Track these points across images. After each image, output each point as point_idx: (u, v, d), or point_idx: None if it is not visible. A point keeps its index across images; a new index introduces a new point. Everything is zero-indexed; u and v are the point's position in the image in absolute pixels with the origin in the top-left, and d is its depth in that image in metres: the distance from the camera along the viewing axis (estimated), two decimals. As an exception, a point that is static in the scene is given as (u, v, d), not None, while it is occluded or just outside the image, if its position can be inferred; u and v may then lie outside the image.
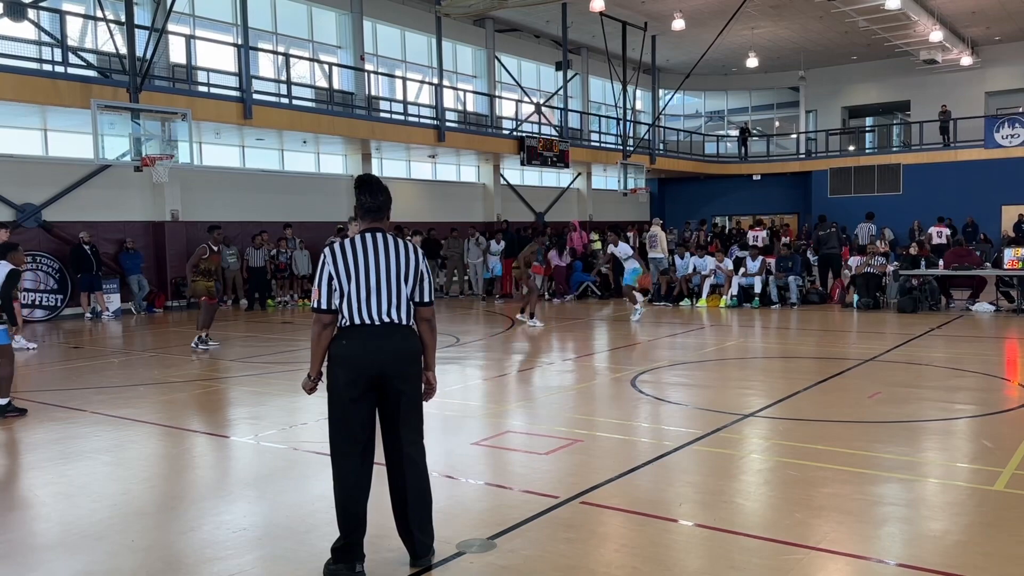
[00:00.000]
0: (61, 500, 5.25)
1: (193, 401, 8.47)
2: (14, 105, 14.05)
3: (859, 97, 34.15)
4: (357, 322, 3.82)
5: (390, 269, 3.87)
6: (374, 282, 3.84)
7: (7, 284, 7.55)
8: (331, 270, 3.86)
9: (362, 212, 3.98)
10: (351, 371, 3.81)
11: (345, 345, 3.83)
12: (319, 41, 22.17)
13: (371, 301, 3.83)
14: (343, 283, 3.83)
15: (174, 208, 18.48)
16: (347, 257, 3.85)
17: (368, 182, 4.01)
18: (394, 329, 3.86)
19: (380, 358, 3.82)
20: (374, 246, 3.89)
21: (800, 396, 7.85)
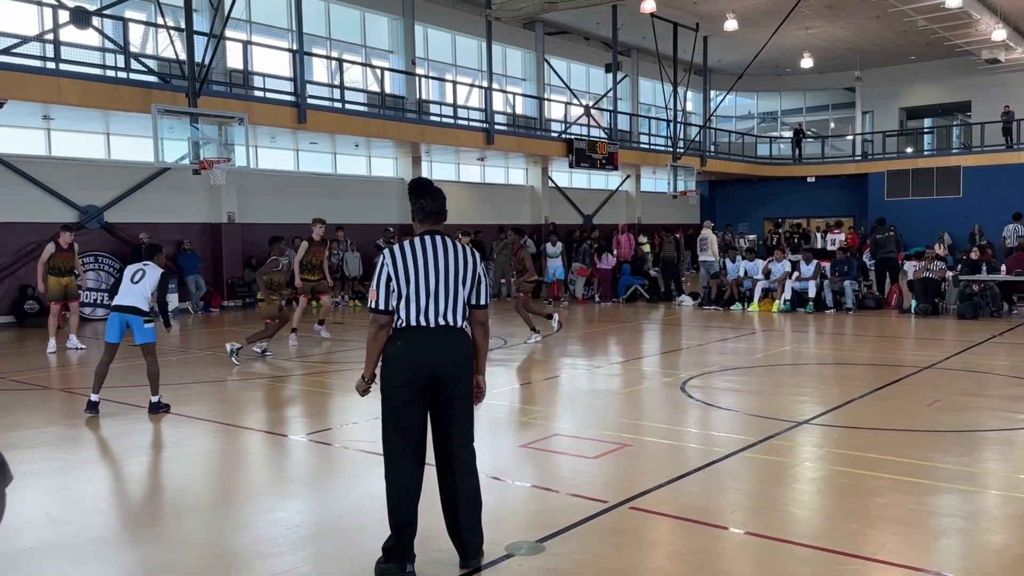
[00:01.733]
0: (119, 494, 5.40)
1: (247, 399, 8.64)
2: (79, 110, 14.51)
3: (917, 98, 33.33)
4: (413, 324, 3.83)
5: (448, 272, 3.87)
6: (432, 285, 3.84)
7: (162, 285, 7.77)
8: (390, 271, 3.86)
9: (421, 215, 3.98)
10: (405, 373, 3.83)
11: (400, 347, 3.85)
12: (371, 46, 22.45)
13: (428, 304, 3.83)
14: (401, 285, 3.84)
15: (230, 210, 18.87)
16: (406, 259, 3.86)
17: (424, 185, 4.02)
18: (449, 332, 3.87)
19: (434, 361, 3.83)
20: (433, 249, 3.89)
21: (855, 404, 7.69)
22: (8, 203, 15.64)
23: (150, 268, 7.76)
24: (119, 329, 7.62)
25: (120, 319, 7.60)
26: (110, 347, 7.69)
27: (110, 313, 7.74)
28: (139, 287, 7.63)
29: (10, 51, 13.50)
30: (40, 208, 16.12)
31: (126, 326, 7.62)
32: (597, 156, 23.70)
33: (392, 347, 3.88)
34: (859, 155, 32.95)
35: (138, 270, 7.73)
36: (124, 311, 7.58)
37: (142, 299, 7.62)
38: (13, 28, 14.46)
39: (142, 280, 7.67)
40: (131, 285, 7.64)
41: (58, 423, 7.32)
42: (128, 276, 7.73)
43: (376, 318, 3.91)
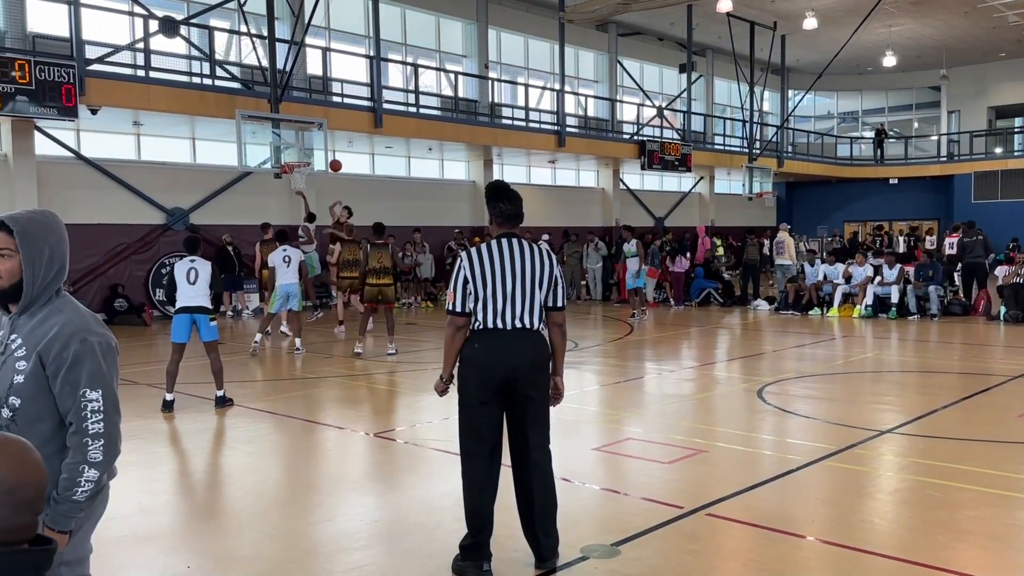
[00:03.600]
0: (207, 487, 5.61)
1: (326, 397, 8.84)
2: (167, 116, 15.10)
3: (1007, 96, 31.93)
4: (491, 326, 3.86)
5: (525, 274, 3.89)
6: (510, 287, 3.87)
7: (215, 277, 7.98)
8: (467, 274, 3.90)
9: (499, 218, 4.01)
10: (482, 374, 3.87)
11: (478, 349, 3.89)
12: (445, 51, 22.71)
13: (506, 306, 3.86)
14: (478, 287, 3.87)
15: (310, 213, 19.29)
16: (483, 262, 3.89)
17: (503, 189, 4.05)
18: (526, 334, 3.89)
19: (511, 363, 3.86)
20: (510, 251, 3.92)
21: (941, 413, 7.44)
22: (100, 205, 16.35)
23: (199, 263, 7.95)
24: (187, 329, 7.88)
25: (188, 319, 7.86)
26: (178, 347, 7.93)
27: (176, 314, 7.95)
28: (197, 286, 7.85)
29: (103, 60, 14.14)
30: (129, 210, 16.82)
31: (192, 325, 7.87)
32: (670, 158, 23.46)
33: (469, 349, 3.91)
34: (944, 156, 31.78)
35: (189, 269, 7.90)
36: (192, 311, 7.84)
37: (204, 297, 7.85)
38: (106, 38, 15.14)
39: (197, 279, 7.87)
40: (188, 286, 7.84)
41: (144, 417, 7.63)
42: (182, 277, 7.87)
43: (453, 320, 3.94)
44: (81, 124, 15.04)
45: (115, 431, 2.34)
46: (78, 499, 2.27)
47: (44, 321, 2.34)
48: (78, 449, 2.28)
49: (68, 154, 15.99)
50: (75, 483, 2.26)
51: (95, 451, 2.29)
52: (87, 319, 2.38)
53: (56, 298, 2.40)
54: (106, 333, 2.39)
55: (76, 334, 2.31)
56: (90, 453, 2.28)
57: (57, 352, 2.29)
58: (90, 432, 2.29)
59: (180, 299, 7.85)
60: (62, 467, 2.28)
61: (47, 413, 2.32)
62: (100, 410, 2.30)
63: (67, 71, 12.75)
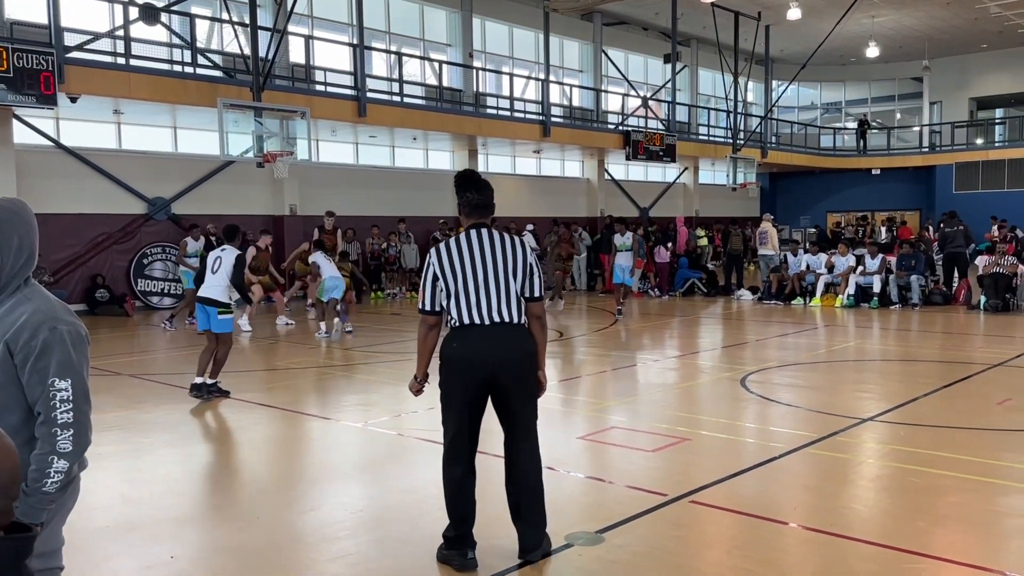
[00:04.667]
0: (191, 477, 5.58)
1: (310, 387, 8.82)
2: (148, 104, 14.95)
3: (989, 87, 32.19)
4: (467, 322, 3.72)
5: (497, 265, 3.75)
6: (482, 279, 3.72)
7: (237, 267, 7.91)
8: (436, 270, 3.76)
9: (467, 209, 3.85)
10: (463, 373, 3.74)
11: (456, 348, 3.75)
12: (430, 39, 22.60)
13: (480, 300, 3.72)
14: (449, 283, 3.73)
15: (292, 203, 19.23)
16: (452, 256, 3.74)
17: (470, 178, 3.90)
18: (505, 329, 3.76)
19: (493, 360, 3.73)
20: (479, 242, 3.77)
21: (922, 401, 7.51)
22: (80, 195, 16.19)
23: (226, 253, 7.95)
24: (205, 318, 7.90)
25: (201, 309, 7.87)
26: (206, 335, 7.97)
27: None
28: (217, 276, 7.86)
29: (83, 47, 13.96)
30: (110, 200, 16.66)
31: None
32: (654, 148, 23.49)
33: (448, 348, 3.78)
34: (926, 147, 32.01)
35: (216, 258, 7.96)
36: (203, 302, 7.86)
37: (218, 289, 7.83)
38: (85, 25, 14.95)
39: (220, 268, 7.87)
40: (211, 275, 7.88)
41: (127, 407, 7.58)
42: (209, 265, 7.96)
43: (424, 319, 3.83)
44: (60, 112, 14.86)
45: (85, 421, 2.30)
46: (48, 491, 2.24)
47: (12, 310, 2.30)
48: (47, 440, 2.24)
49: (47, 143, 15.81)
50: (45, 474, 2.23)
51: (64, 441, 2.25)
52: (56, 307, 2.34)
53: (24, 287, 2.35)
54: (75, 321, 2.36)
55: (45, 322, 2.27)
56: (59, 444, 2.24)
57: (25, 341, 2.25)
58: (59, 422, 2.24)
59: (200, 288, 7.93)
60: (31, 458, 2.24)
61: (15, 403, 2.28)
62: (69, 399, 2.26)
63: (46, 58, 12.58)
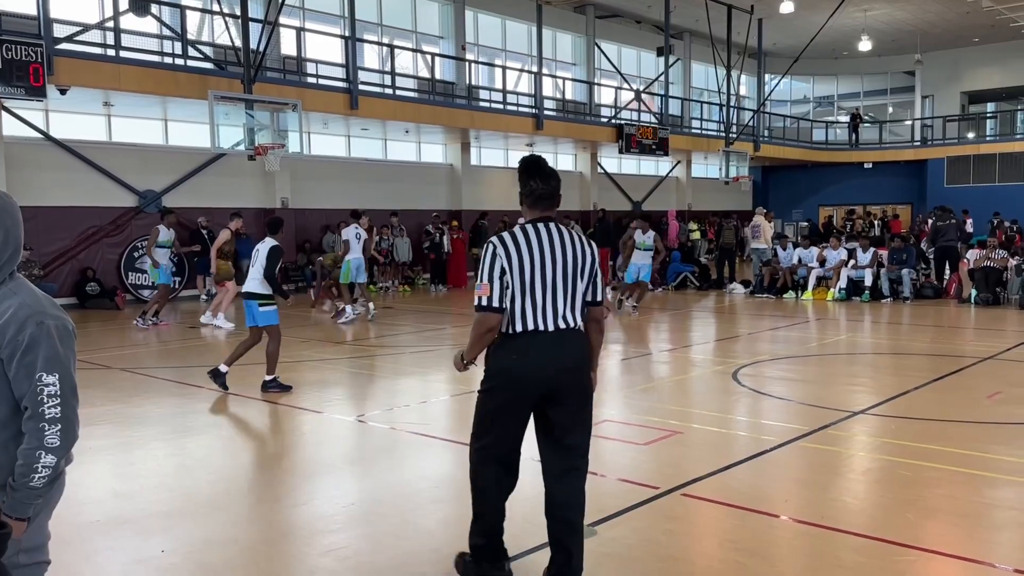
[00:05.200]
0: (182, 471, 5.56)
1: (301, 381, 8.78)
2: (138, 96, 14.84)
3: (980, 82, 32.27)
4: (530, 328, 3.31)
5: (567, 265, 3.36)
6: (549, 280, 3.32)
7: (270, 259, 7.79)
8: (504, 263, 3.31)
9: (530, 199, 3.45)
10: (519, 388, 3.34)
11: (516, 359, 3.33)
12: (422, 32, 22.52)
13: (547, 303, 3.32)
14: (515, 280, 3.30)
15: (284, 196, 19.16)
16: (520, 250, 3.32)
17: (536, 165, 3.48)
18: (569, 336, 3.37)
19: (553, 371, 3.33)
20: (548, 238, 3.36)
21: (913, 394, 7.54)
22: (70, 187, 16.09)
23: (263, 245, 7.94)
24: (248, 312, 7.93)
25: (246, 304, 7.92)
26: (250, 330, 7.99)
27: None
28: (254, 269, 7.85)
29: (72, 39, 13.86)
30: (101, 192, 16.57)
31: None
32: (647, 141, 23.48)
33: (504, 357, 3.35)
34: (918, 141, 32.09)
35: (256, 250, 7.96)
36: (245, 296, 7.91)
37: (257, 282, 7.82)
38: (75, 16, 14.84)
39: (257, 260, 7.86)
40: (252, 268, 7.89)
41: (117, 402, 7.55)
42: (252, 259, 7.97)
43: (486, 318, 3.32)
44: (50, 104, 14.73)
45: (73, 416, 2.28)
46: (35, 486, 2.23)
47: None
48: (34, 434, 2.23)
49: (37, 135, 15.70)
50: (32, 469, 2.22)
51: (52, 436, 2.23)
52: (42, 302, 2.32)
53: (10, 280, 2.33)
54: (62, 316, 2.34)
55: (32, 317, 2.25)
56: (47, 438, 2.23)
57: (12, 335, 2.23)
58: (47, 417, 2.23)
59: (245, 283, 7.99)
60: (18, 453, 2.23)
61: (2, 398, 2.26)
62: (57, 394, 2.25)
63: (35, 50, 12.47)
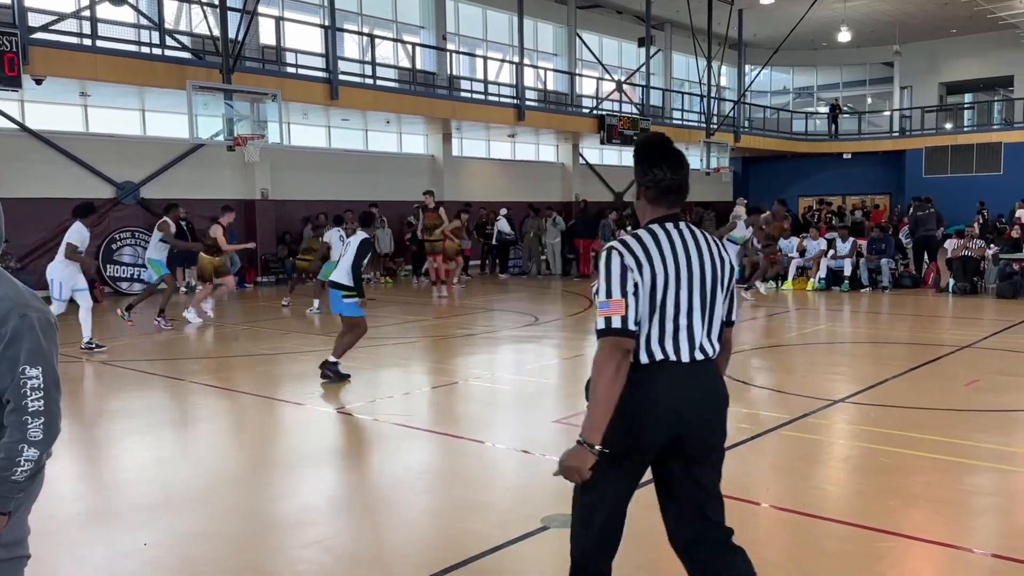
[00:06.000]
0: (164, 464, 5.52)
1: (282, 373, 8.75)
2: (115, 87, 14.67)
3: (958, 73, 32.55)
4: (658, 358, 2.60)
5: (704, 277, 2.65)
6: (685, 297, 2.62)
7: (357, 253, 7.78)
8: (636, 277, 2.55)
9: (655, 192, 2.69)
10: (646, 434, 2.63)
11: (646, 396, 2.59)
12: (402, 22, 22.39)
13: (680, 327, 2.62)
14: (644, 295, 2.57)
15: (264, 187, 19.02)
16: (652, 259, 2.57)
17: (663, 147, 2.72)
18: (707, 369, 2.69)
19: (688, 416, 2.64)
20: (683, 243, 2.65)
21: (892, 383, 7.62)
22: (47, 179, 15.89)
23: (353, 238, 7.94)
24: (332, 302, 7.94)
25: (330, 293, 7.94)
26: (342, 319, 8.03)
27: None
28: (343, 260, 7.87)
29: (48, 28, 13.66)
30: (78, 184, 16.36)
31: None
32: (629, 132, 23.50)
33: (636, 394, 2.58)
34: (896, 131, 32.34)
35: (347, 243, 7.97)
36: (330, 285, 7.94)
37: (344, 273, 7.82)
38: (50, 5, 14.62)
39: (347, 252, 7.88)
40: (341, 260, 7.90)
41: (99, 394, 7.49)
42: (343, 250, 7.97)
43: (619, 343, 2.51)
44: (25, 95, 14.52)
45: (56, 409, 2.26)
46: (17, 479, 2.21)
47: None
48: (17, 427, 2.20)
49: (12, 126, 15.49)
50: (14, 463, 2.19)
51: (35, 429, 2.21)
52: (24, 294, 2.29)
53: None
54: (45, 308, 2.31)
55: (14, 309, 2.22)
56: (30, 431, 2.21)
57: None
58: (30, 410, 2.21)
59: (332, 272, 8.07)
60: (0, 447, 2.21)
61: None
62: (40, 387, 2.23)
63: (9, 39, 12.27)
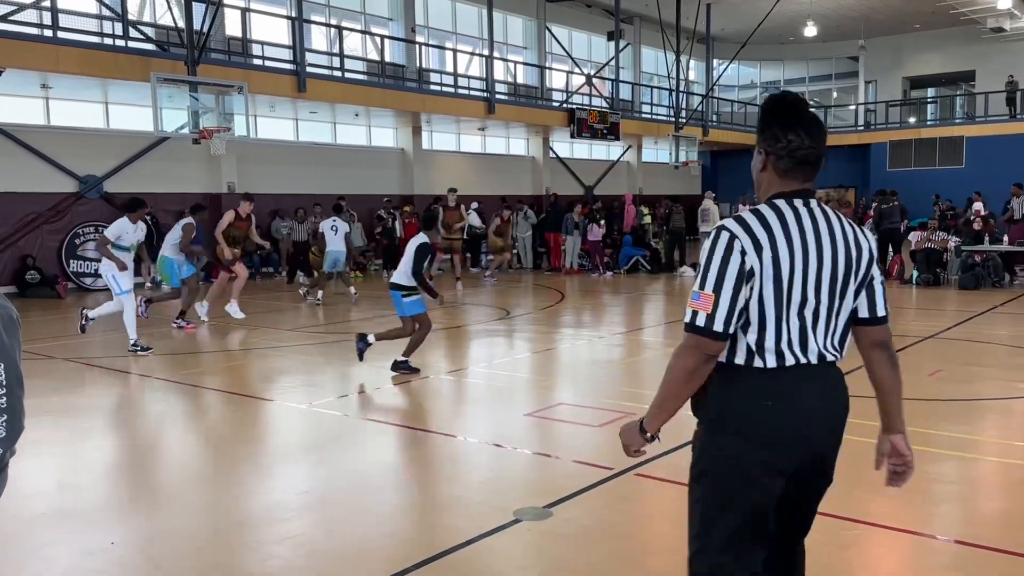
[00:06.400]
0: (130, 462, 5.45)
1: (252, 368, 8.67)
2: (78, 78, 14.40)
3: (921, 67, 33.07)
4: (788, 362, 2.21)
5: (836, 266, 2.23)
6: (812, 289, 2.20)
7: (418, 255, 7.70)
8: (753, 261, 2.13)
9: (786, 162, 2.25)
10: (773, 456, 2.23)
11: (770, 408, 2.20)
12: (371, 13, 22.22)
13: (806, 324, 2.22)
14: (766, 288, 2.16)
15: (230, 180, 18.80)
16: (776, 241, 2.15)
17: (797, 109, 2.26)
18: (832, 374, 2.36)
19: (822, 430, 2.29)
20: (813, 225, 2.22)
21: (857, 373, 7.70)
22: (7, 173, 15.57)
23: (416, 239, 7.86)
24: (396, 303, 7.86)
25: (392, 295, 7.86)
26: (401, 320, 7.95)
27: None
28: (403, 263, 7.80)
29: (7, 18, 13.36)
30: (39, 178, 16.06)
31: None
32: (599, 126, 23.57)
33: (749, 405, 2.22)
34: (861, 125, 32.78)
35: (410, 243, 7.87)
36: (391, 287, 7.87)
37: (404, 275, 7.75)
38: (10, -5, 14.30)
39: (408, 254, 7.80)
40: (402, 262, 7.82)
41: (62, 392, 7.36)
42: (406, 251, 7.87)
43: (704, 344, 2.16)
44: (-17, 87, 14.25)
45: (19, 406, 2.21)
46: None
47: None
48: None
49: (-30, 118, 15.16)
50: None
51: None
52: None
53: None
54: (6, 304, 2.26)
55: None
56: None
57: None
58: None
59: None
60: None
61: None
62: (2, 384, 2.18)
63: (-34, 29, 12.01)
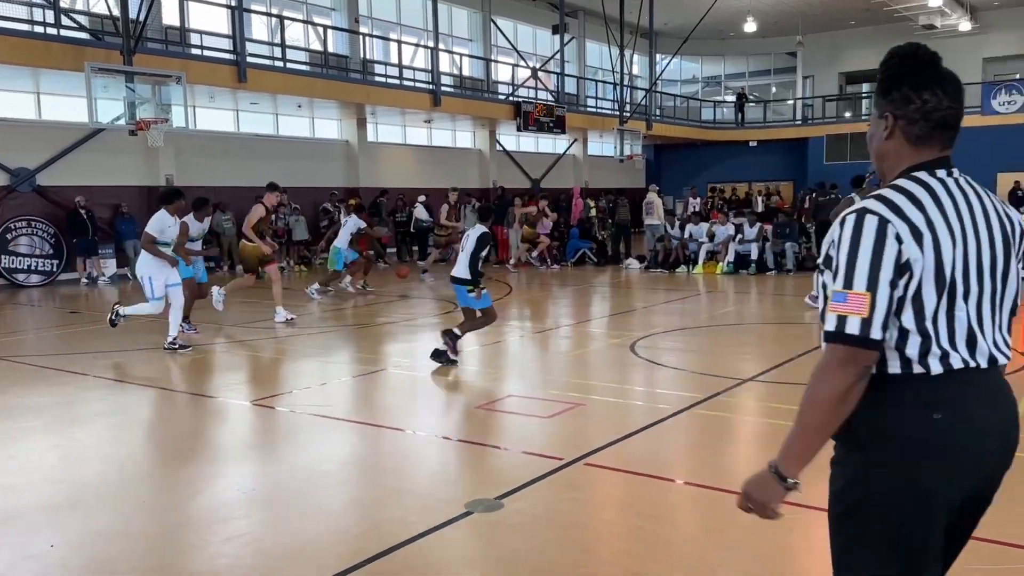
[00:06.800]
0: (70, 462, 5.31)
1: (193, 365, 8.50)
2: (7, 68, 13.88)
3: (857, 63, 33.93)
4: (955, 365, 1.82)
5: (996, 248, 1.87)
6: (975, 276, 1.84)
7: (476, 247, 7.57)
8: (913, 250, 1.77)
9: (925, 126, 1.87)
10: (951, 481, 1.83)
11: (940, 423, 1.80)
12: (313, 3, 21.90)
13: (971, 319, 1.85)
14: (928, 281, 1.79)
15: (168, 173, 18.35)
16: (934, 225, 1.79)
17: (934, 63, 1.89)
18: (1001, 375, 1.94)
19: (997, 448, 1.89)
20: (965, 199, 1.86)
21: (798, 361, 7.93)
22: (-68, 165, 14.97)
23: (474, 231, 7.73)
24: (459, 296, 7.81)
25: (455, 288, 7.80)
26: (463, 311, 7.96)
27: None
28: (463, 255, 7.66)
29: (-70, 4, 12.84)
30: (-33, 170, 15.48)
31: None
32: (545, 119, 23.65)
33: (917, 421, 1.82)
34: (799, 120, 33.52)
35: (467, 236, 7.76)
36: (452, 281, 7.79)
37: (464, 267, 7.62)
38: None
39: (467, 246, 7.66)
40: (461, 255, 7.68)
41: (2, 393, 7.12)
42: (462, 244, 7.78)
43: (855, 356, 1.78)
44: (-94, 76, 13.65)
45: None
46: None
47: None
48: None
49: None
50: None
51: None
52: None
53: None
54: None
55: None
56: None
57: None
58: None
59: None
60: None
61: None
62: None
63: None
